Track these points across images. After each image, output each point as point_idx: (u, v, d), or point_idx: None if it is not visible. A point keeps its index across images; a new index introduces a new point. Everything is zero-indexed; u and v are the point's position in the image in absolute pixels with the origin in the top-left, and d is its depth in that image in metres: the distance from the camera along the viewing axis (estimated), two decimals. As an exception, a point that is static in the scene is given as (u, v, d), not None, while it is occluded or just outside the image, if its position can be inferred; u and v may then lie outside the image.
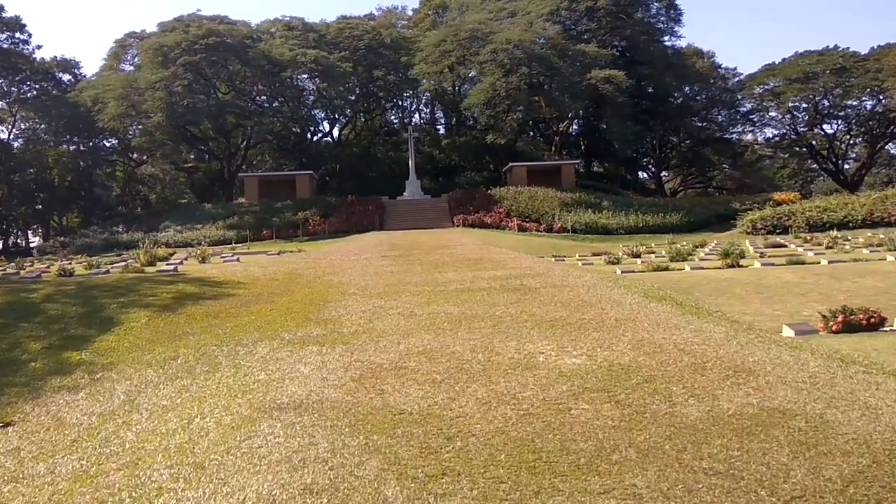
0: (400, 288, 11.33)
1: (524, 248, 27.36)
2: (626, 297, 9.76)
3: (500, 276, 12.38)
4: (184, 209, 47.01)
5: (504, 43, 40.99)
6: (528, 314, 8.32)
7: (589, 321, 7.71)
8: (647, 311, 8.39)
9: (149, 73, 40.41)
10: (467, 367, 5.82)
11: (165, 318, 9.69)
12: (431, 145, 55.58)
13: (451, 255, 17.80)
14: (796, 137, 62.12)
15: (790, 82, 57.06)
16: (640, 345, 6.38)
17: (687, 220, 38.08)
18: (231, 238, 38.10)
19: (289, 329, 8.32)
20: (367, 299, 10.27)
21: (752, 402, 4.46)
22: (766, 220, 36.25)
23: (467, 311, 8.81)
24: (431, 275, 13.09)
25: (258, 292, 11.31)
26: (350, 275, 13.50)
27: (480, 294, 10.24)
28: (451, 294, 10.39)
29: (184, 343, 8.39)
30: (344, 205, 41.95)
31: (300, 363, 6.49)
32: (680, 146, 64.67)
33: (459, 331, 7.48)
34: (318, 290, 11.42)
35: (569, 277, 12.06)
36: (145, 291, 11.34)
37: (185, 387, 6.54)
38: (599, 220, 37.37)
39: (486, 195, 41.71)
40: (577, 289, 10.51)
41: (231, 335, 8.43)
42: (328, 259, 17.82)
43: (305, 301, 10.37)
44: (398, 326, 7.98)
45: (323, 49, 44.95)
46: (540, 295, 9.94)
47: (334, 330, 8.03)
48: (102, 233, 41.84)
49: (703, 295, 11.66)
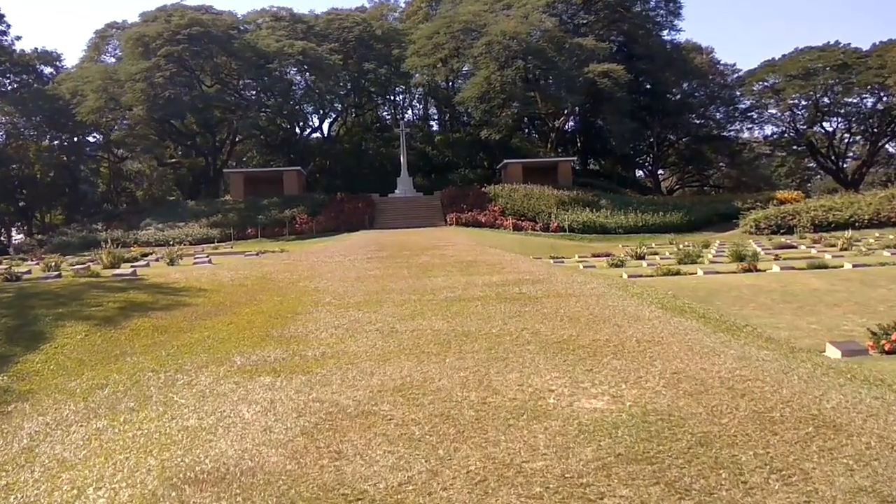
0: (382, 296, 9.94)
1: (520, 249, 26.07)
2: (643, 309, 8.41)
3: (495, 283, 11.02)
4: (166, 206, 45.43)
5: (499, 35, 39.60)
6: (530, 332, 6.95)
7: (605, 343, 6.34)
8: (671, 329, 7.03)
9: (129, 64, 38.79)
10: (456, 413, 4.45)
11: (105, 333, 8.28)
12: (424, 141, 54.14)
13: (442, 256, 16.43)
14: (796, 135, 61.02)
15: (790, 79, 55.89)
16: (677, 379, 5.02)
17: (688, 220, 36.86)
18: (214, 237, 36.63)
19: (243, 350, 6.92)
20: (344, 310, 8.89)
21: (864, 487, 3.10)
22: (769, 220, 35.09)
23: (458, 327, 7.44)
24: (419, 280, 11.72)
25: (219, 301, 9.90)
26: (329, 280, 12.11)
27: (474, 305, 8.87)
28: (440, 305, 9.02)
29: (118, 366, 6.99)
30: (333, 202, 40.51)
31: (243, 403, 5.09)
32: (677, 144, 63.45)
33: (448, 355, 6.10)
34: (288, 299, 10.03)
35: (573, 284, 10.71)
36: (90, 300, 9.91)
37: (100, 431, 5.14)
38: (598, 219, 36.09)
39: (481, 193, 40.34)
40: (584, 299, 9.15)
41: (174, 357, 7.03)
42: (309, 261, 16.43)
43: (271, 313, 8.97)
44: (374, 348, 6.60)
45: (311, 41, 43.40)
46: (542, 306, 8.58)
47: (297, 352, 6.64)
48: (81, 231, 40.27)
49: (726, 304, 10.32)
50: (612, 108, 42.63)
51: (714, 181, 69.92)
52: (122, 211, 47.67)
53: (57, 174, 57.64)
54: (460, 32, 42.08)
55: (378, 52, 48.53)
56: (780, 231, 34.23)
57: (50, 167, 56.32)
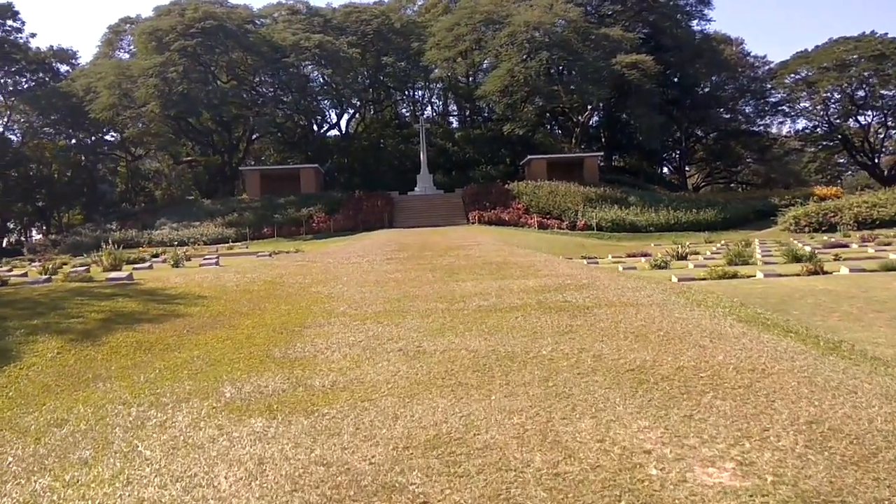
0: (405, 305, 8.61)
1: (547, 248, 24.66)
2: (720, 322, 6.97)
3: (533, 288, 9.63)
4: (181, 206, 44.52)
5: (522, 26, 38.07)
6: (591, 355, 5.56)
7: (693, 372, 4.93)
8: (770, 352, 5.60)
9: (142, 59, 37.80)
10: (519, 492, 3.08)
11: (80, 350, 7.02)
12: (444, 138, 52.74)
13: (468, 257, 15.07)
14: (829, 129, 58.77)
15: (824, 70, 53.76)
16: (821, 435, 3.61)
17: (722, 217, 35.19)
18: (229, 236, 35.65)
19: (236, 377, 5.61)
20: (360, 323, 7.56)
21: None
22: (810, 217, 33.35)
23: (499, 346, 6.07)
24: (446, 285, 10.38)
25: (218, 311, 8.62)
26: (344, 284, 10.81)
27: (513, 316, 7.50)
28: (474, 316, 7.65)
29: (86, 395, 5.71)
30: (351, 200, 39.31)
31: (223, 461, 3.77)
32: (706, 139, 61.46)
33: (493, 389, 4.73)
34: (297, 308, 8.72)
35: (624, 290, 9.28)
36: (72, 310, 8.68)
37: (36, 495, 3.86)
38: (627, 217, 34.51)
39: (503, 190, 38.91)
40: (644, 309, 7.73)
41: (153, 384, 5.73)
42: (324, 262, 15.15)
43: (276, 325, 7.66)
44: (397, 376, 5.25)
45: (329, 35, 42.15)
46: (597, 319, 7.18)
47: (301, 381, 5.31)
48: (95, 230, 39.46)
49: (805, 314, 8.83)
50: (640, 101, 40.93)
51: (741, 178, 67.79)
52: (138, 210, 46.91)
53: (74, 173, 57.06)
54: (482, 24, 40.62)
55: (397, 46, 47.20)
56: (822, 228, 32.55)
57: (67, 166, 55.75)
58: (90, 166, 56.70)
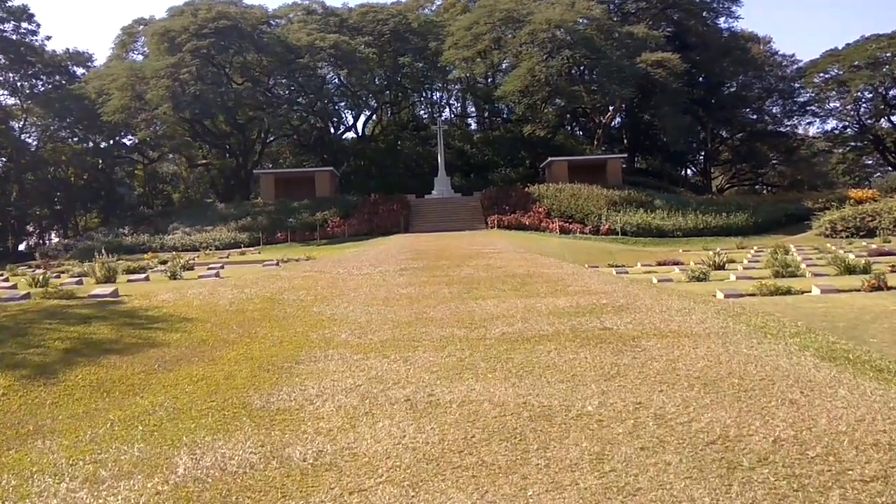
0: (416, 331, 7.41)
1: (571, 255, 23.35)
2: (799, 362, 5.68)
3: (564, 310, 8.40)
4: (195, 209, 43.70)
5: (544, 24, 36.72)
6: (652, 415, 4.31)
7: (798, 449, 3.67)
8: (880, 410, 4.32)
9: (154, 60, 37.02)
10: None
11: (30, 391, 5.90)
12: (462, 140, 51.51)
13: (488, 268, 13.85)
14: (860, 129, 56.74)
15: (856, 69, 51.82)
16: None
17: (753, 221, 33.57)
18: (242, 241, 34.71)
19: (198, 439, 4.43)
20: (363, 357, 6.37)
21: None
22: (847, 221, 31.69)
23: (531, 397, 4.85)
24: (464, 303, 9.18)
25: (201, 338, 7.47)
26: (350, 302, 9.64)
27: (545, 349, 6.27)
28: (497, 347, 6.44)
29: (17, 458, 4.57)
30: (366, 204, 38.20)
31: None
32: (731, 140, 59.64)
33: (528, 476, 3.51)
34: (293, 335, 7.55)
35: (670, 312, 8.02)
36: (37, 336, 7.58)
37: None
38: (653, 221, 33.02)
39: (524, 193, 37.58)
40: (701, 341, 6.46)
41: (98, 446, 4.57)
42: (332, 273, 13.99)
43: (264, 360, 6.49)
44: (401, 447, 4.04)
45: (344, 35, 41.10)
46: (648, 356, 5.92)
47: (277, 450, 4.12)
48: (108, 235, 38.77)
49: (886, 342, 7.49)
50: (666, 100, 39.41)
51: (766, 180, 65.82)
52: (151, 214, 46.21)
53: (92, 177, 56.60)
54: (501, 22, 39.33)
55: (414, 46, 46.05)
56: (860, 233, 30.92)
57: (84, 170, 55.31)
58: (108, 170, 56.24)
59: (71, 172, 55.72)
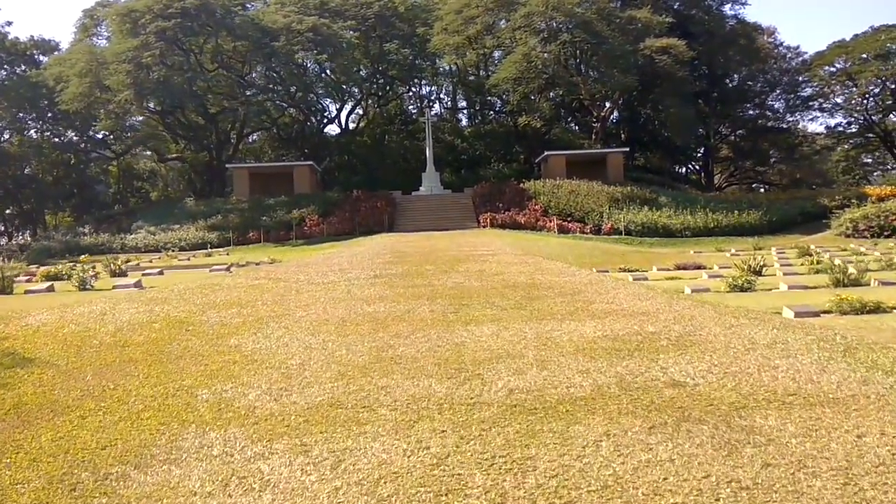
0: (372, 386, 4.61)
1: (574, 257, 20.66)
2: None
3: (597, 342, 5.62)
4: (162, 207, 40.71)
5: (540, 6, 33.95)
6: None
7: None
8: None
9: (116, 44, 33.99)
10: None
11: None
12: (452, 133, 48.71)
13: (481, 274, 11.08)
14: (866, 125, 54.47)
15: (864, 61, 49.57)
16: None
17: (767, 220, 31.19)
18: (211, 241, 31.85)
19: None
20: (265, 448, 3.55)
21: None
22: (869, 220, 29.39)
23: None
24: (450, 330, 6.40)
25: (19, 401, 4.62)
26: (290, 327, 6.83)
27: (588, 437, 3.47)
28: (501, 430, 3.63)
29: None
30: (348, 201, 35.39)
31: None
32: (733, 136, 57.26)
33: None
34: (169, 393, 4.71)
35: (762, 349, 5.24)
36: None
37: None
38: (659, 220, 30.48)
39: (519, 189, 34.91)
40: (855, 414, 3.69)
41: None
42: (290, 280, 11.16)
43: (81, 460, 3.64)
44: None
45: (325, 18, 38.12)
46: (784, 453, 3.13)
47: None
48: (65, 234, 35.76)
49: None
50: (670, 90, 36.84)
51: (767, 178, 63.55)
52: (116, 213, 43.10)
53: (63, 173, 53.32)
54: (494, 4, 36.51)
55: (401, 32, 43.16)
56: (884, 233, 28.59)
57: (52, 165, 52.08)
58: (80, 166, 53.00)
59: (36, 167, 52.52)
